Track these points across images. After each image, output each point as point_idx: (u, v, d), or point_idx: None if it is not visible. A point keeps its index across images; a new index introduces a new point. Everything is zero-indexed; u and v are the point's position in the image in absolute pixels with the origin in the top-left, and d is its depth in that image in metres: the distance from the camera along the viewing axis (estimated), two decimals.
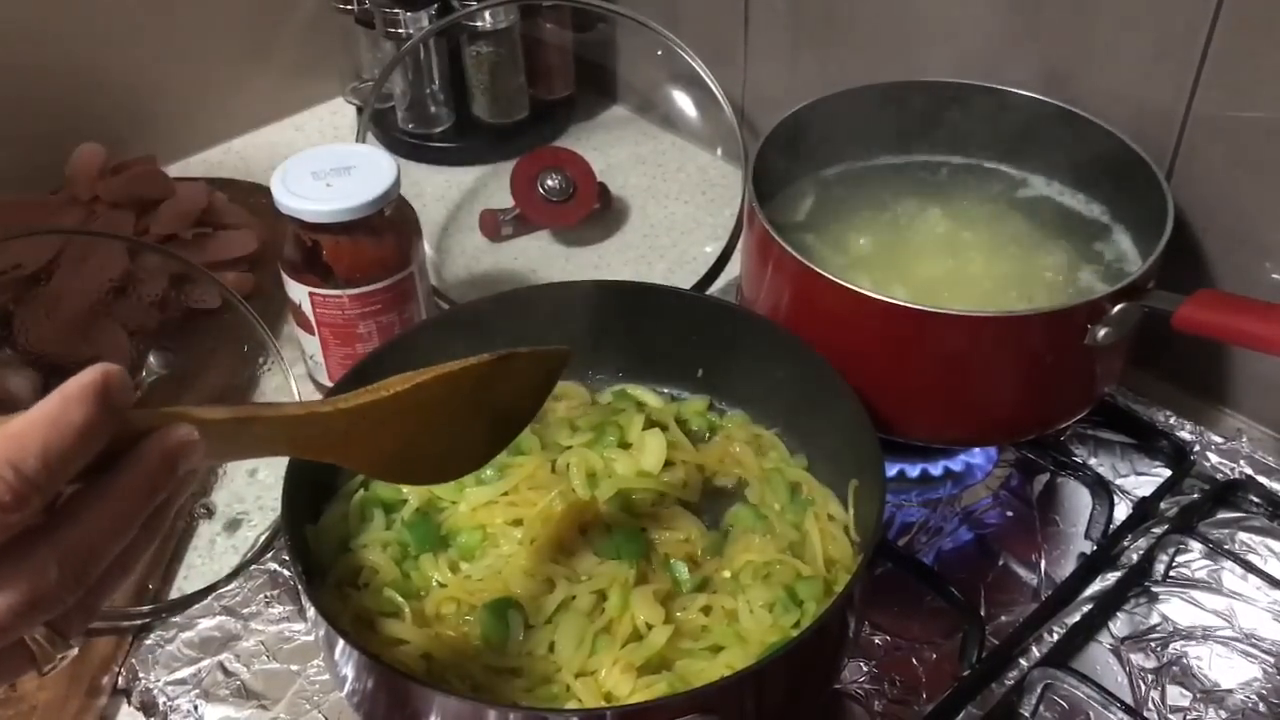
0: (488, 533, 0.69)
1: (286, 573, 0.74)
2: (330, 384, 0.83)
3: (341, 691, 0.62)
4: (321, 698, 0.68)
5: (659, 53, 1.08)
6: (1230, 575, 0.74)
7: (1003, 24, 0.86)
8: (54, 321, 0.84)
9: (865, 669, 0.69)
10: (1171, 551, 0.74)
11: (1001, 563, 0.76)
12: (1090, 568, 0.74)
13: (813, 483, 0.73)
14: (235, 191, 1.04)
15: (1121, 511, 0.78)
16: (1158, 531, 0.76)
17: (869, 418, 0.67)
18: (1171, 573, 0.74)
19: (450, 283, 1.00)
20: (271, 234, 0.95)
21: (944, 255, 0.80)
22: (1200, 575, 0.74)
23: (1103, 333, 0.68)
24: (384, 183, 0.78)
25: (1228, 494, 0.79)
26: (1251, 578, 0.73)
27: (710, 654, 0.63)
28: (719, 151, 1.14)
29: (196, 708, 0.68)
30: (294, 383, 0.81)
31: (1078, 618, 0.71)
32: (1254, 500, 0.78)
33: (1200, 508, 0.77)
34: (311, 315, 0.81)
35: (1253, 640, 0.70)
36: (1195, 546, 0.74)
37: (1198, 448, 0.81)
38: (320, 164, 0.79)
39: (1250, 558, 0.75)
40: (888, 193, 0.84)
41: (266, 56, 1.17)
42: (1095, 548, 0.75)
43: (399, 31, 1.07)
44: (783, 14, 1.02)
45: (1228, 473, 0.80)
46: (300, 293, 0.80)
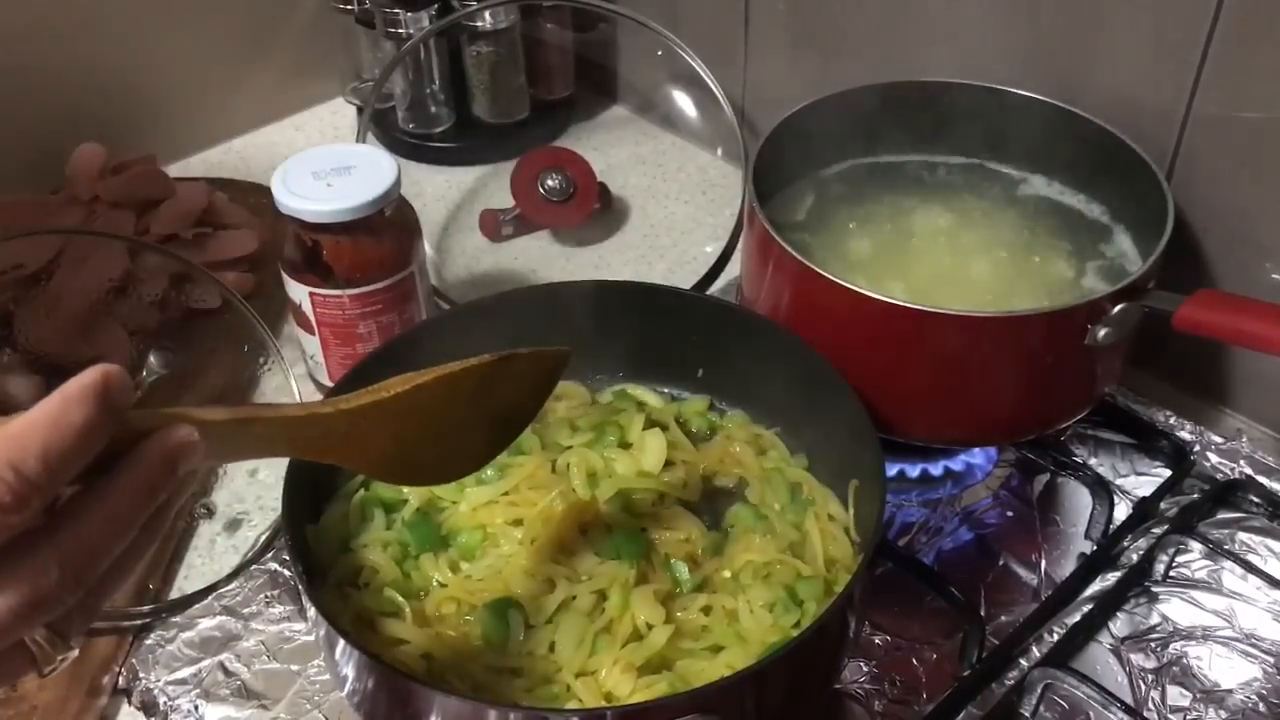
0: (488, 532, 0.69)
1: (287, 573, 0.74)
2: (330, 384, 0.83)
3: (342, 691, 0.62)
4: (322, 698, 0.68)
5: (659, 53, 1.07)
6: (1230, 575, 0.74)
7: (1003, 24, 0.86)
8: (54, 321, 0.84)
9: (865, 669, 0.69)
10: (1171, 551, 0.74)
11: (1001, 563, 0.76)
12: (1090, 568, 0.74)
13: (813, 483, 0.73)
14: (235, 191, 1.04)
15: (1121, 511, 0.78)
16: (1158, 532, 0.76)
17: (869, 418, 0.67)
18: (1171, 573, 0.74)
19: (450, 283, 1.00)
20: (272, 234, 0.95)
21: (944, 255, 0.80)
22: (1200, 575, 0.74)
23: (1103, 333, 0.68)
24: (384, 183, 0.78)
25: (1228, 494, 0.79)
26: (1251, 578, 0.73)
27: (710, 654, 0.63)
28: (719, 151, 1.14)
29: (197, 708, 0.68)
30: (294, 382, 0.81)
31: (1078, 618, 0.71)
32: (1254, 500, 0.78)
33: (1200, 508, 0.77)
34: (312, 315, 0.81)
35: (1253, 640, 0.70)
36: (1195, 546, 0.74)
37: (1198, 448, 0.81)
38: (320, 164, 0.79)
39: (1250, 558, 0.75)
40: (888, 193, 0.84)
41: (266, 56, 1.17)
42: (1095, 548, 0.75)
43: (399, 31, 1.07)
44: (783, 14, 1.02)
45: (1228, 473, 0.80)
46: (300, 293, 0.80)
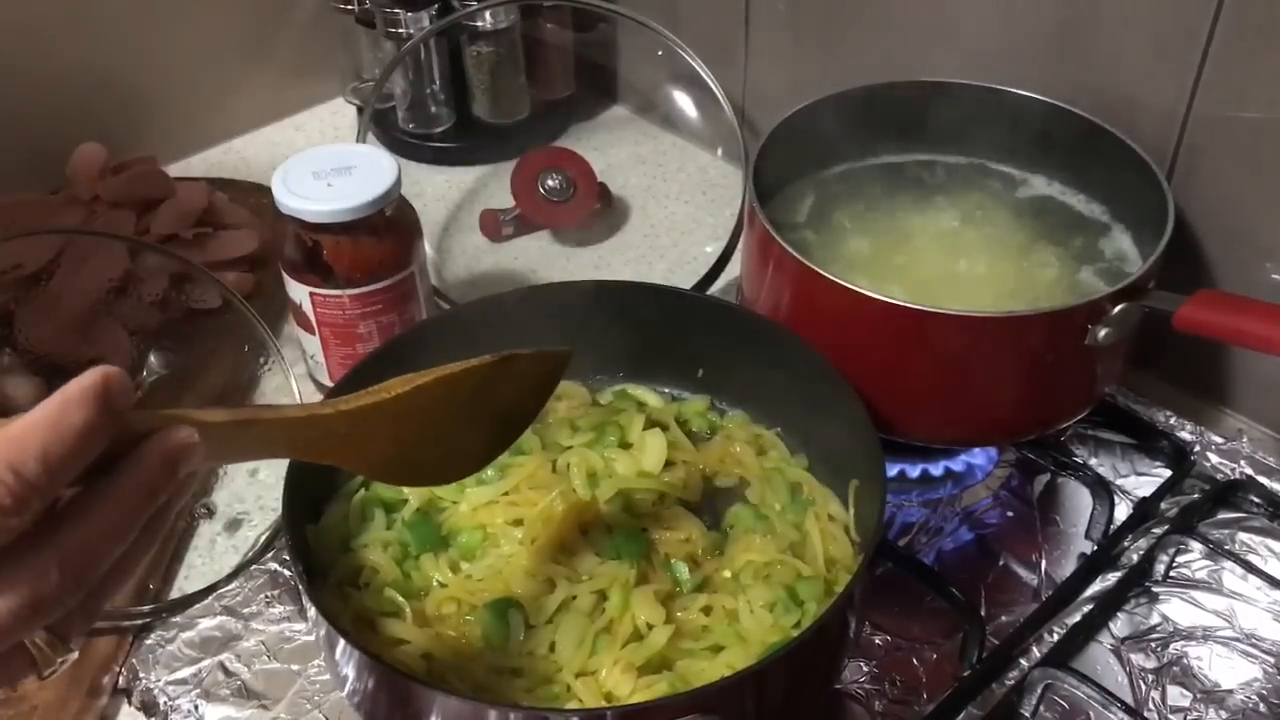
0: (488, 533, 0.69)
1: (287, 573, 0.74)
2: (331, 384, 0.83)
3: (342, 691, 0.62)
4: (322, 698, 0.68)
5: (659, 53, 1.07)
6: (1230, 575, 0.74)
7: (1002, 24, 0.86)
8: (54, 321, 0.84)
9: (866, 669, 0.69)
10: (1172, 552, 0.74)
11: (1002, 563, 0.76)
12: (1090, 568, 0.74)
13: (813, 483, 0.73)
14: (236, 191, 1.04)
15: (1122, 512, 0.78)
16: (1158, 532, 0.76)
17: (869, 418, 0.67)
18: (1172, 573, 0.74)
19: (451, 283, 1.00)
20: (272, 234, 0.95)
21: (944, 255, 0.80)
22: (1200, 575, 0.74)
23: (1103, 333, 0.68)
24: (385, 183, 0.78)
25: (1228, 494, 0.79)
26: (1252, 578, 0.73)
27: (711, 654, 0.63)
28: (719, 151, 1.14)
29: (197, 708, 0.68)
30: (294, 382, 0.81)
31: (1078, 618, 0.71)
32: (1254, 500, 0.78)
33: (1200, 508, 0.77)
34: (312, 315, 0.81)
35: (1253, 640, 0.70)
36: (1195, 547, 0.74)
37: (1198, 448, 0.81)
38: (321, 164, 0.79)
39: (1250, 558, 0.75)
40: (888, 193, 0.84)
41: (267, 56, 1.17)
42: (1095, 548, 0.75)
43: (399, 31, 1.07)
44: (783, 14, 1.02)
45: (1228, 473, 0.80)
46: (301, 293, 0.80)
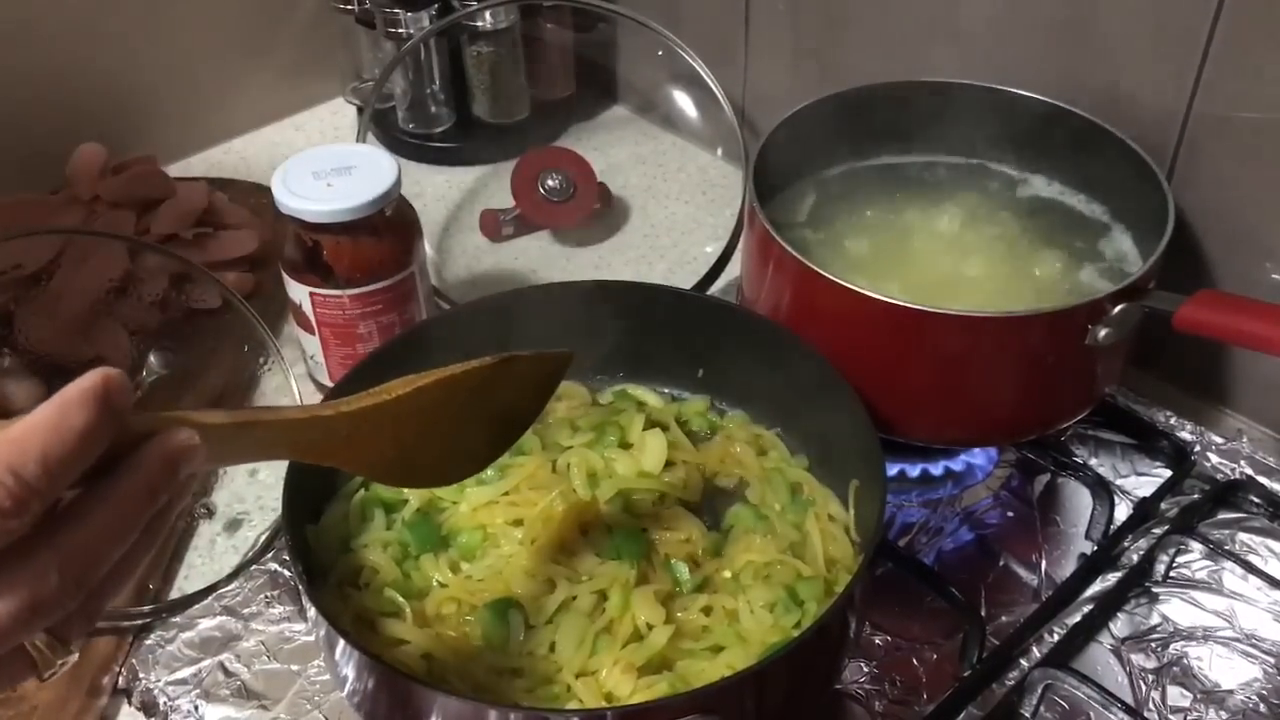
0: (488, 533, 0.69)
1: (287, 573, 0.74)
2: (331, 384, 0.83)
3: (342, 692, 0.62)
4: (322, 698, 0.68)
5: (659, 53, 1.07)
6: (1231, 576, 0.74)
7: (1003, 24, 0.86)
8: (55, 321, 0.84)
9: (866, 669, 0.69)
10: (1172, 552, 0.74)
11: (1002, 563, 0.76)
12: (1091, 568, 0.74)
13: (813, 483, 0.73)
14: (235, 191, 1.04)
15: (1122, 512, 0.78)
16: (1158, 532, 0.76)
17: (869, 418, 0.67)
18: (1172, 573, 0.74)
19: (451, 283, 1.00)
20: (272, 234, 0.95)
21: (944, 255, 0.80)
22: (1201, 576, 0.74)
23: (1103, 333, 0.68)
24: (384, 183, 0.78)
25: (1228, 494, 0.79)
26: (1252, 578, 0.73)
27: (711, 654, 0.63)
28: (719, 151, 1.13)
29: (197, 708, 0.68)
30: (294, 383, 0.81)
31: (1078, 618, 0.71)
32: (1254, 501, 0.78)
33: (1201, 508, 0.77)
34: (312, 315, 0.81)
35: (1253, 641, 0.70)
36: (1196, 547, 0.74)
37: (1198, 448, 0.81)
38: (321, 164, 0.79)
39: (1251, 558, 0.75)
40: (888, 193, 0.84)
41: (266, 56, 1.17)
42: (1096, 548, 0.75)
43: (399, 31, 1.07)
44: (783, 14, 1.02)
45: (1228, 473, 0.80)
46: (301, 293, 0.80)
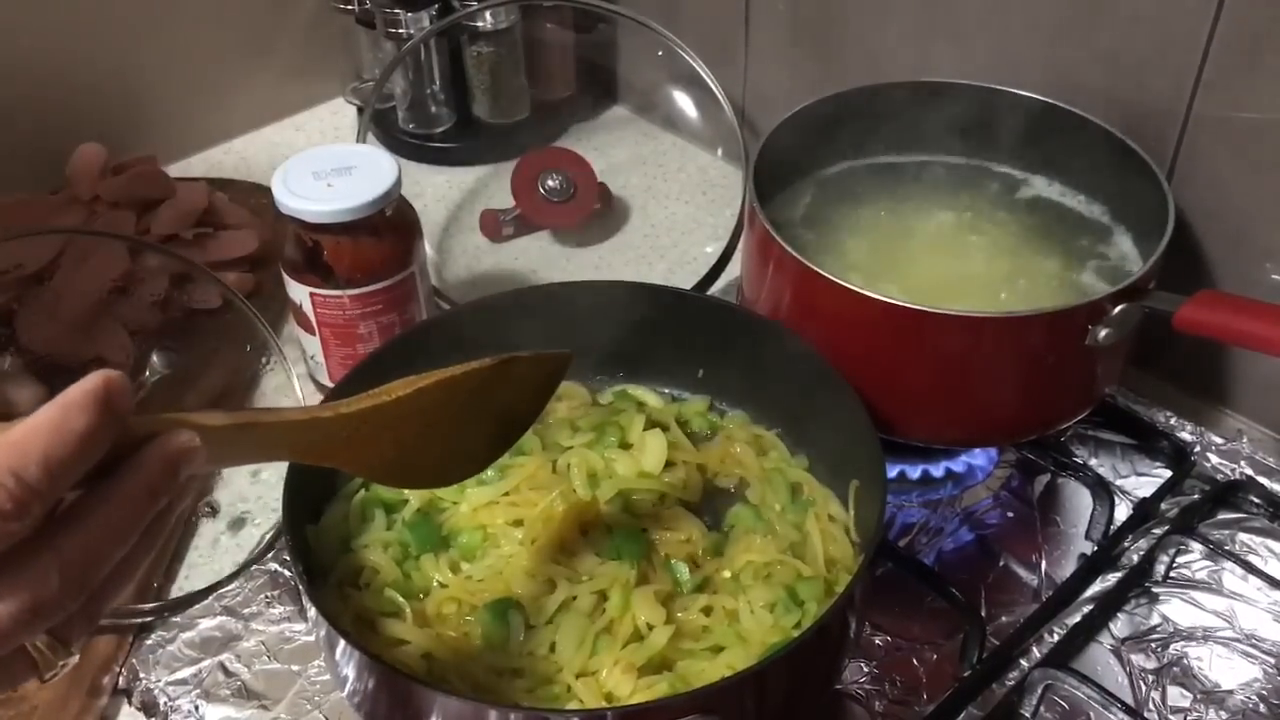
0: (489, 533, 0.69)
1: (287, 573, 0.74)
2: (331, 384, 0.83)
3: (342, 692, 0.62)
4: (322, 698, 0.68)
5: (659, 53, 1.07)
6: (1231, 576, 0.74)
7: (1003, 24, 0.86)
8: (56, 321, 0.84)
9: (866, 669, 0.69)
10: (1172, 552, 0.74)
11: (1002, 563, 0.76)
12: (1091, 568, 0.74)
13: (813, 483, 0.73)
14: (236, 191, 1.04)
15: (1122, 512, 0.78)
16: (1158, 532, 0.76)
17: (869, 418, 0.67)
18: (1172, 573, 0.74)
19: (451, 283, 1.00)
20: (272, 234, 0.95)
21: (945, 255, 0.80)
22: (1201, 576, 0.74)
23: (1103, 333, 0.68)
24: (385, 183, 0.78)
25: (1228, 495, 0.79)
26: (1252, 578, 0.73)
27: (711, 654, 0.63)
28: (719, 151, 1.14)
29: (197, 708, 0.68)
30: (296, 382, 0.81)
31: (1078, 618, 0.71)
32: (1254, 501, 0.78)
33: (1201, 508, 0.77)
34: (312, 315, 0.81)
35: (1253, 641, 0.70)
36: (1196, 547, 0.74)
37: (1198, 448, 0.81)
38: (321, 164, 0.79)
39: (1251, 558, 0.75)
40: (888, 193, 0.84)
41: (267, 56, 1.17)
42: (1096, 548, 0.75)
43: (400, 32, 1.07)
44: (783, 14, 1.02)
45: (1228, 473, 0.80)
46: (301, 293, 0.80)
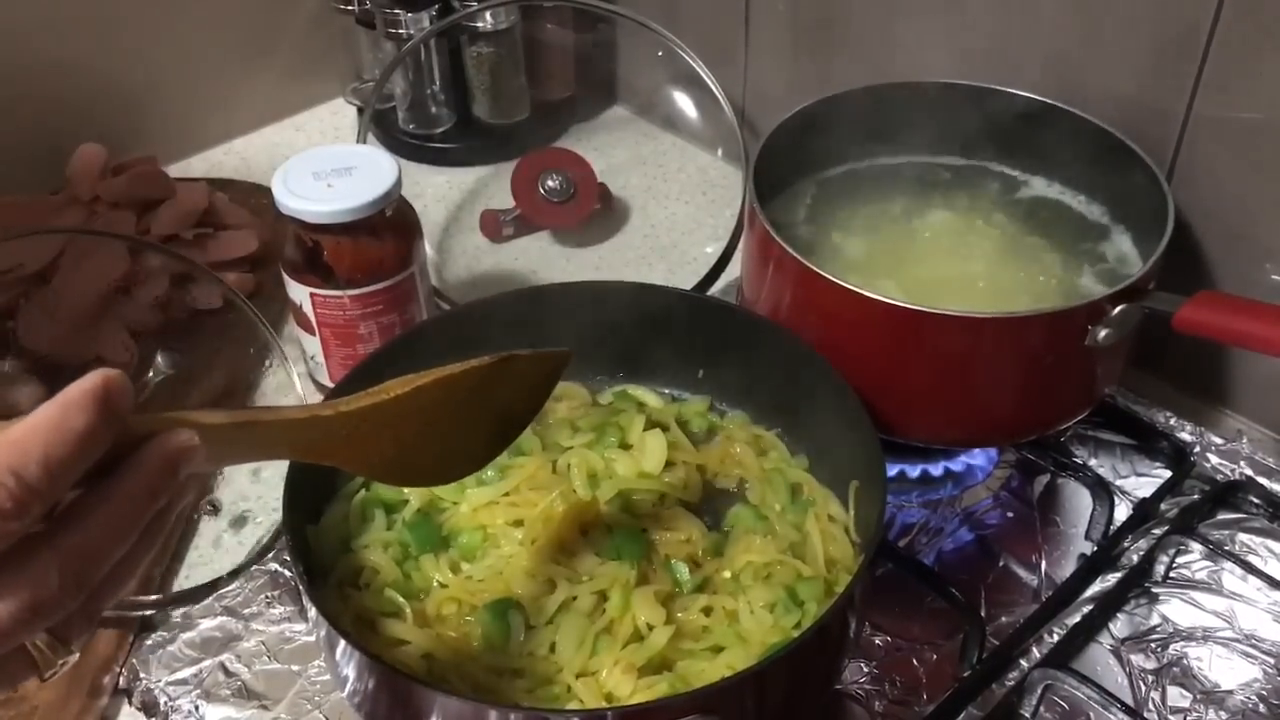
0: (489, 533, 0.69)
1: (287, 573, 0.74)
2: (331, 384, 0.83)
3: (343, 692, 0.62)
4: (322, 698, 0.68)
5: (659, 53, 1.07)
6: (1230, 576, 0.74)
7: (1003, 24, 0.86)
8: (56, 321, 0.84)
9: (866, 669, 0.69)
10: (1172, 552, 0.74)
11: (1002, 563, 0.76)
12: (1090, 568, 0.74)
13: (813, 483, 0.73)
14: (236, 192, 1.04)
15: (1122, 512, 0.78)
16: (1158, 532, 0.76)
17: (869, 418, 0.67)
18: (1172, 574, 0.74)
19: (451, 283, 1.00)
20: (272, 234, 0.95)
21: (944, 256, 0.80)
22: (1200, 576, 0.74)
23: (1103, 334, 0.68)
24: (385, 183, 0.78)
25: (1228, 495, 0.79)
26: (1252, 579, 0.73)
27: (711, 654, 0.63)
28: (719, 152, 1.14)
29: (197, 708, 0.68)
30: (298, 381, 0.81)
31: (1078, 618, 0.71)
32: (1254, 501, 0.78)
33: (1200, 509, 0.77)
34: (312, 316, 0.81)
35: (1253, 641, 0.70)
36: (1195, 547, 0.74)
37: (1198, 449, 0.81)
38: (321, 164, 0.79)
39: (1250, 559, 0.75)
40: (888, 194, 0.84)
41: (267, 56, 1.17)
42: (1095, 549, 0.75)
43: (400, 32, 1.07)
44: (783, 14, 1.02)
45: (1228, 474, 0.80)
46: (301, 293, 0.80)
